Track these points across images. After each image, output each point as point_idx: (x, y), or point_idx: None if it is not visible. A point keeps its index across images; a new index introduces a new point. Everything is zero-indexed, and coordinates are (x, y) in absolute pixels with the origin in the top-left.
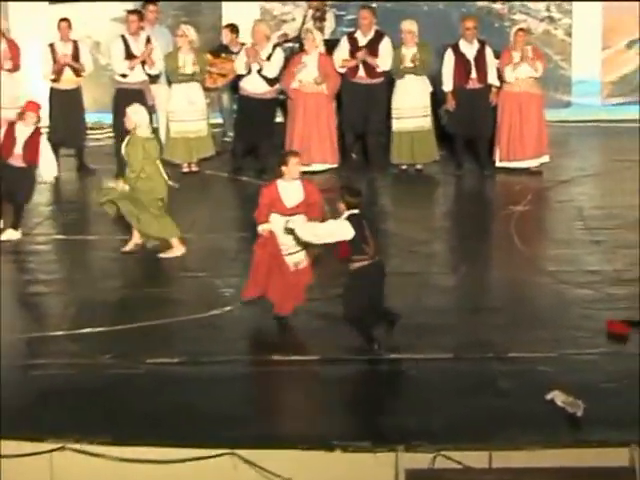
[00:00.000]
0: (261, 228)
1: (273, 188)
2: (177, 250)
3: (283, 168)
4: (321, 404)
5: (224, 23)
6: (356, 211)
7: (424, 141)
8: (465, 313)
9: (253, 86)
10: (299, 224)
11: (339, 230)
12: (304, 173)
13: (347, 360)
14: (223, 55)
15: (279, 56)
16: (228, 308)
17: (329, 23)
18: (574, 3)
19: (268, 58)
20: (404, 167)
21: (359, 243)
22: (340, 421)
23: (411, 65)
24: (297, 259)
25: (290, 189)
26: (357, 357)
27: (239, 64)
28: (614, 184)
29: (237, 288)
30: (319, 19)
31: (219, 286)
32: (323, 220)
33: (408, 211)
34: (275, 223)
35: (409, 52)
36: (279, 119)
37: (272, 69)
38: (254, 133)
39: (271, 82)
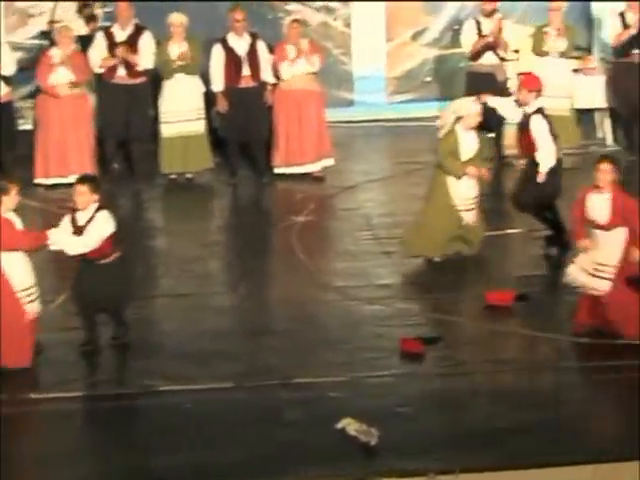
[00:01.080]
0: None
1: (9, 223)
2: None
3: (4, 198)
4: (83, 447)
5: None
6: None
7: (198, 147)
8: (245, 337)
9: None
10: (66, 240)
11: (107, 223)
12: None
13: (111, 396)
14: None
15: (5, 49)
16: None
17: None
18: None
19: None
20: (173, 176)
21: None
22: (106, 465)
23: (181, 62)
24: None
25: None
26: (123, 391)
27: None
28: (403, 189)
29: None
30: (91, 18)
31: None
32: None
33: (179, 225)
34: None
35: (178, 48)
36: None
37: (6, 66)
38: None
39: (8, 82)
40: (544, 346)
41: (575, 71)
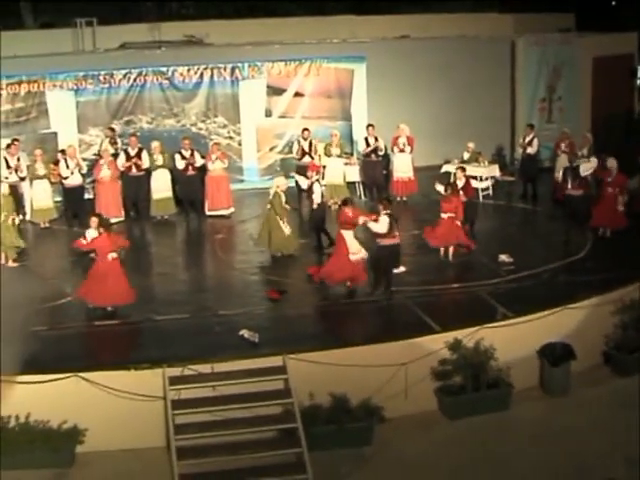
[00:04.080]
0: None
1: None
2: None
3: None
4: None
5: None
6: None
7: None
8: (197, 292)
9: None
10: None
11: None
12: None
13: None
14: None
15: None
16: None
17: None
18: (241, 128)
19: None
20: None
21: None
22: None
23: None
24: None
25: None
26: None
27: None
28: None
29: None
30: (114, 143)
31: None
32: None
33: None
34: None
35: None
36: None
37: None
38: None
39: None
40: None
41: (345, 164)
